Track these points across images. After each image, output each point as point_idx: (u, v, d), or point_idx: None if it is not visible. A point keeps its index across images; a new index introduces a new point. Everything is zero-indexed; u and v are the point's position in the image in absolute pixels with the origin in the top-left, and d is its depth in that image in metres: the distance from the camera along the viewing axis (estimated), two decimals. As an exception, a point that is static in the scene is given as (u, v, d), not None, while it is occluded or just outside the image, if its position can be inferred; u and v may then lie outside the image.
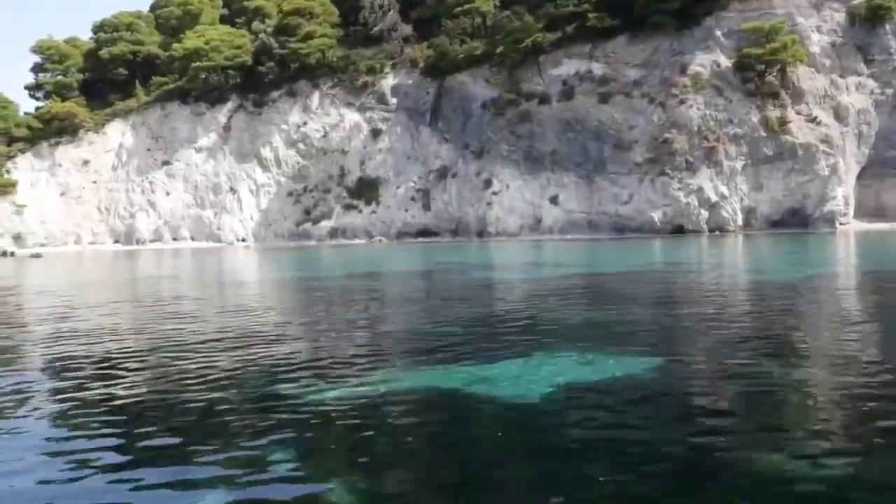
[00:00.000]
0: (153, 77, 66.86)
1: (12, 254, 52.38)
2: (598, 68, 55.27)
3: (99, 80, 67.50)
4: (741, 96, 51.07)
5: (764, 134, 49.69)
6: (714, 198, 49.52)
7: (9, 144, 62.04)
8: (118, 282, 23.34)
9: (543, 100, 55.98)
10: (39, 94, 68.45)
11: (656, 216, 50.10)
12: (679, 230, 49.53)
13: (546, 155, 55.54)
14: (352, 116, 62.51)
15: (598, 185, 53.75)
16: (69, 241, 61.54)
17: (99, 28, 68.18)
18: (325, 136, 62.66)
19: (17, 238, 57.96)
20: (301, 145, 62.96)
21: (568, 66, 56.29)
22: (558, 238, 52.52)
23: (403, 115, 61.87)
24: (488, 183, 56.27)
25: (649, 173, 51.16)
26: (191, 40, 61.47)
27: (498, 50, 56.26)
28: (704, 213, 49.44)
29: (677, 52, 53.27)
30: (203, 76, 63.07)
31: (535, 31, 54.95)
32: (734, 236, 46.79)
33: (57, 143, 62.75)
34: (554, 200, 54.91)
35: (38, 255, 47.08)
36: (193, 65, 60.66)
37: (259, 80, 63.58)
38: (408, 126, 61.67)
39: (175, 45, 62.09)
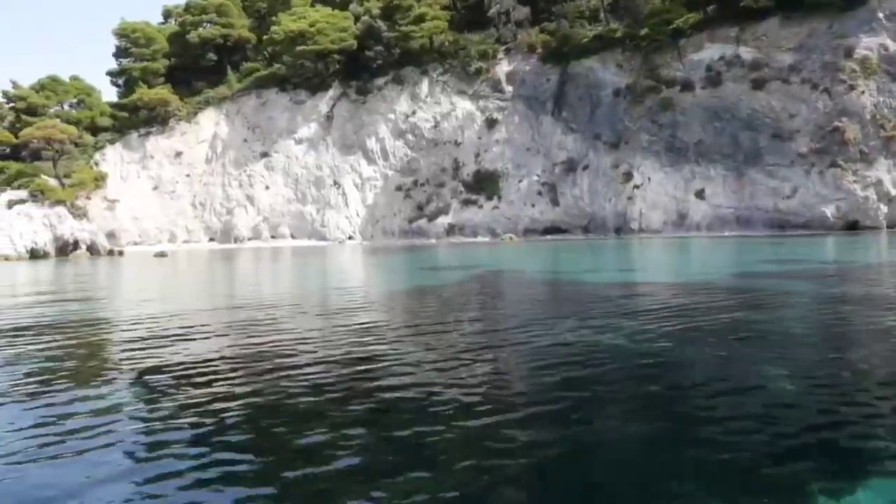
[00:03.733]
0: (244, 63, 62.39)
1: (120, 253, 47.81)
2: (746, 52, 51.44)
3: (184, 65, 62.78)
4: (913, 82, 47.44)
5: (943, 123, 46.11)
6: (893, 191, 45.85)
7: (94, 134, 57.22)
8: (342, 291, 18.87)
9: (686, 86, 52.12)
10: (119, 81, 63.56)
11: (829, 211, 46.34)
12: (852, 226, 45.83)
13: (690, 146, 51.72)
14: (464, 105, 58.37)
15: (751, 178, 49.93)
16: (163, 238, 56.95)
17: (185, 10, 63.48)
18: (435, 126, 58.48)
19: (111, 235, 53.25)
20: (410, 136, 58.74)
21: (711, 51, 52.44)
22: (706, 235, 48.77)
23: (521, 104, 57.78)
24: (628, 176, 52.35)
25: (817, 165, 47.38)
26: (293, 22, 56.96)
27: (642, 32, 52.20)
28: (884, 208, 45.74)
29: (838, 35, 49.45)
30: (300, 62, 58.76)
31: (682, 13, 51.01)
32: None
33: (147, 134, 58.14)
34: (700, 194, 51.09)
35: (163, 254, 42.53)
36: (298, 48, 56.19)
37: (363, 67, 59.28)
38: (526, 115, 57.59)
39: (275, 28, 57.53)
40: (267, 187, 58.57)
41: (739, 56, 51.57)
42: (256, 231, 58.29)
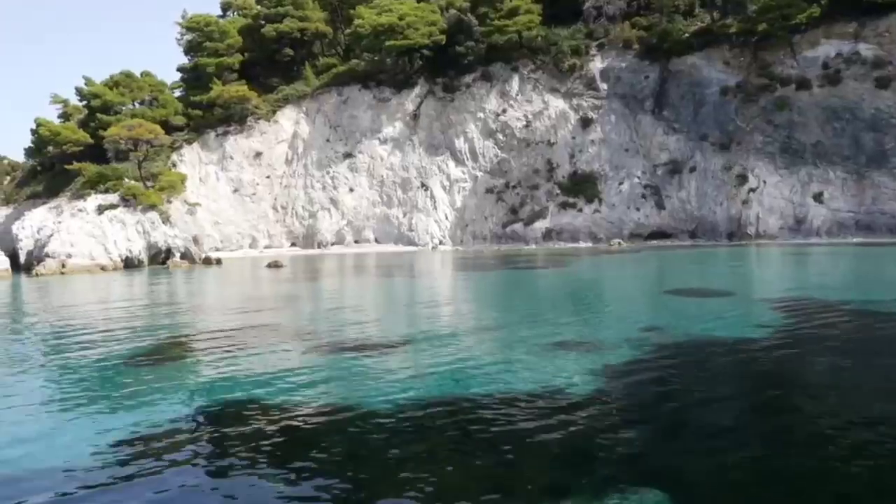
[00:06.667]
0: (318, 58, 59.46)
1: (218, 261, 44.94)
2: (866, 49, 49.16)
3: (255, 61, 59.69)
4: None
5: None
6: None
7: (167, 133, 54.12)
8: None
9: (802, 85, 49.78)
10: (187, 77, 60.28)
11: (966, 217, 44.24)
12: None
13: (807, 147, 49.44)
14: (557, 103, 55.76)
15: (874, 181, 47.72)
16: (244, 244, 54.06)
17: (257, 2, 60.33)
18: (527, 125, 55.84)
19: (194, 241, 50.24)
20: (500, 136, 56.07)
21: (827, 47, 50.14)
22: (828, 242, 46.52)
23: (617, 102, 55.25)
24: (742, 179, 50.00)
25: (951, 168, 45.29)
26: (380, 16, 54.07)
27: (759, 27, 49.75)
28: None
29: (967, 32, 47.36)
30: (383, 58, 55.93)
31: (802, 8, 48.58)
32: None
33: (225, 133, 55.11)
34: (818, 198, 48.82)
35: (278, 265, 39.64)
36: (387, 43, 53.32)
37: (449, 63, 56.47)
38: (623, 114, 55.08)
39: (360, 21, 54.55)
40: (351, 189, 55.74)
41: (859, 53, 49.27)
42: (339, 236, 55.51)
